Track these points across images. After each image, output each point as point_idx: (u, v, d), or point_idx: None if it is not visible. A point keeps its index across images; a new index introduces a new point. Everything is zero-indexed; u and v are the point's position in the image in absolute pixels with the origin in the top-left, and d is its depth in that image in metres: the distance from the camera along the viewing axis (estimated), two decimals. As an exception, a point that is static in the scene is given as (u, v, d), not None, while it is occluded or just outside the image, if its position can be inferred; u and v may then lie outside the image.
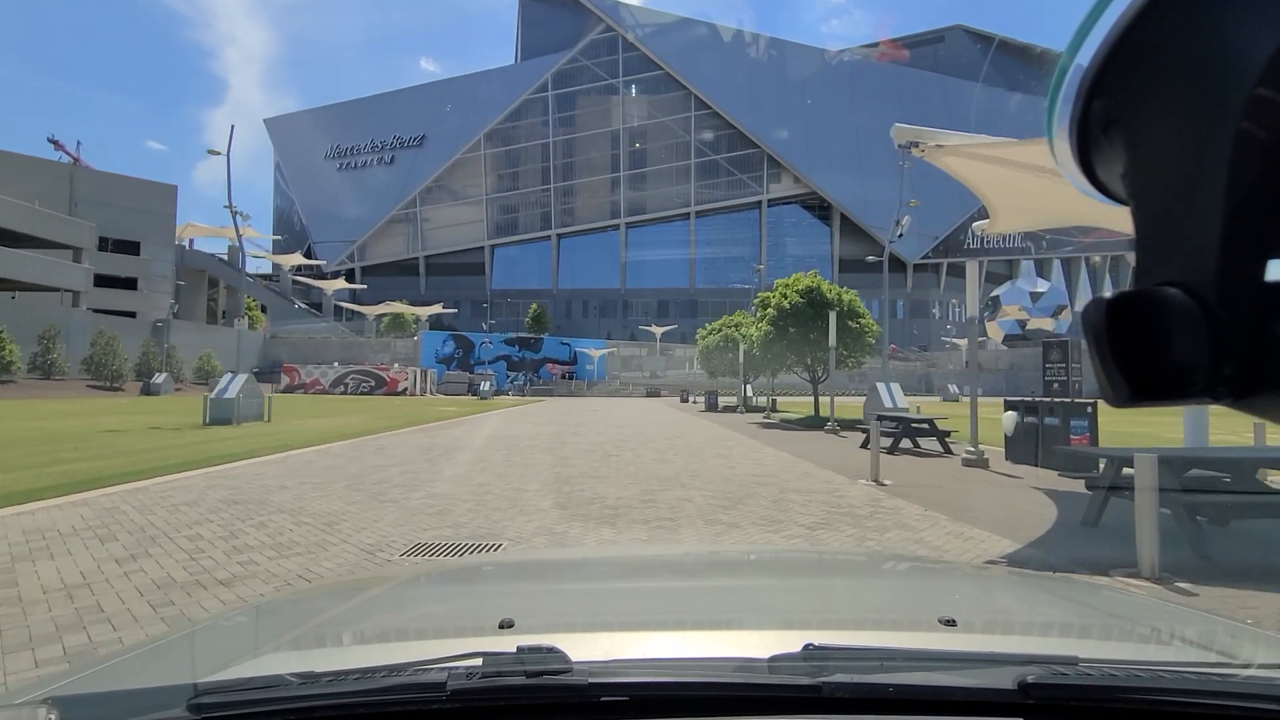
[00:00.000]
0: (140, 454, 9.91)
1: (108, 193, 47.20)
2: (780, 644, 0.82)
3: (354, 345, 54.03)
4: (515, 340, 57.09)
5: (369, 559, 4.52)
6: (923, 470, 9.36)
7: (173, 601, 3.53)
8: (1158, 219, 0.27)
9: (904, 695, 0.72)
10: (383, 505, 6.45)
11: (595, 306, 78.65)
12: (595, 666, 0.75)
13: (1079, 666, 0.77)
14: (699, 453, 11.77)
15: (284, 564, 4.32)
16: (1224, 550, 4.74)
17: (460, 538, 5.12)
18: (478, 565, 2.41)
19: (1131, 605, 1.50)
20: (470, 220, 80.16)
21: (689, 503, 6.70)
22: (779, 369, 19.21)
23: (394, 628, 1.22)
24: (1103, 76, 0.28)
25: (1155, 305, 0.25)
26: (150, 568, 4.16)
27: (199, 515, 5.76)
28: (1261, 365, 0.23)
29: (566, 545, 4.86)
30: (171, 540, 4.86)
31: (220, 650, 1.11)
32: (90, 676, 0.95)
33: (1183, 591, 3.84)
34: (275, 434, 13.79)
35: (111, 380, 34.55)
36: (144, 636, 2.98)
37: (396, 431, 15.55)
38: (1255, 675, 0.80)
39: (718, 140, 77.36)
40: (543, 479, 8.32)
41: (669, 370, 61.10)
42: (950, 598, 1.44)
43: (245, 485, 7.45)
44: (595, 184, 79.59)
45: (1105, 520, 5.50)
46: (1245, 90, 0.22)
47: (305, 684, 0.73)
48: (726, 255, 77.74)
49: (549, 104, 79.06)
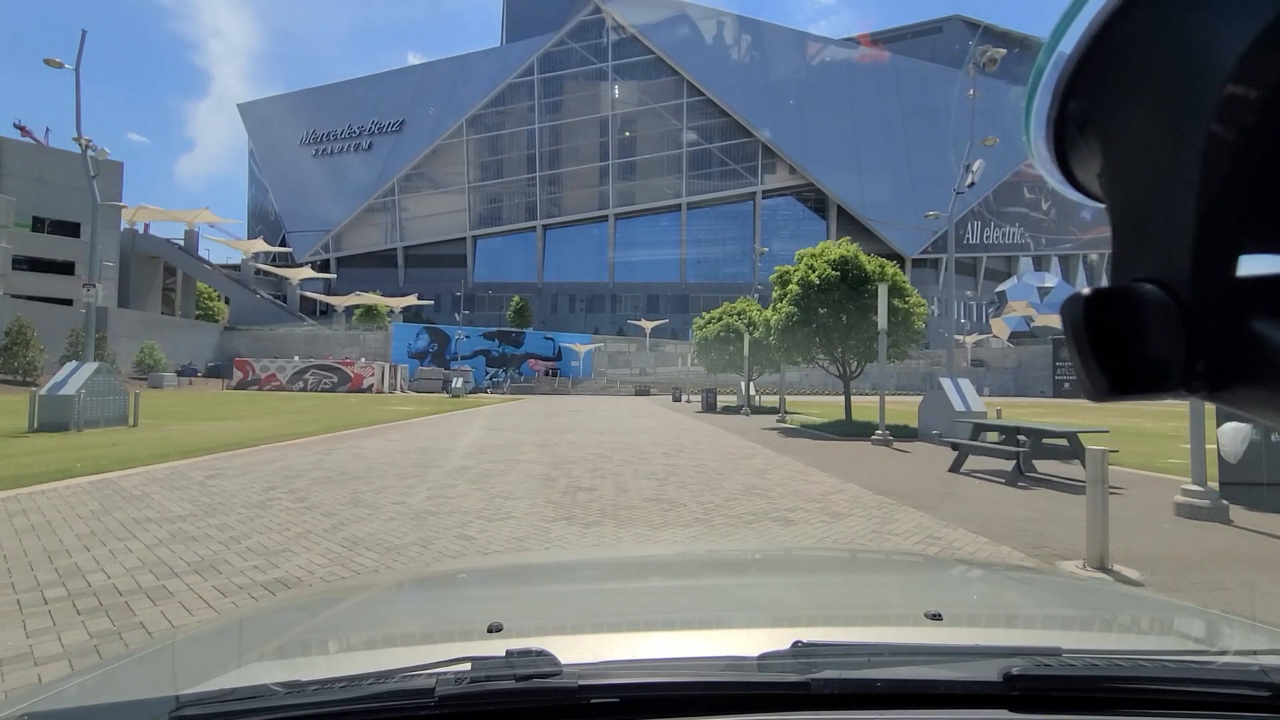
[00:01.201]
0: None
1: (43, 168, 42.20)
2: (769, 642, 0.82)
3: (320, 339, 49.42)
4: (495, 334, 52.69)
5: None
6: (1138, 533, 5.27)
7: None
8: (1133, 216, 0.27)
9: (892, 689, 0.72)
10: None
11: (582, 301, 74.43)
12: (585, 668, 0.74)
13: (1062, 657, 0.77)
14: (716, 482, 7.68)
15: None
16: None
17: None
18: (465, 570, 2.24)
19: (1113, 597, 1.52)
20: (451, 210, 75.70)
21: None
22: (802, 361, 15.18)
23: (380, 634, 1.19)
24: (1079, 76, 0.28)
25: (1132, 301, 0.25)
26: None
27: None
28: (1234, 359, 0.23)
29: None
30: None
31: (202, 660, 1.06)
32: (68, 690, 0.90)
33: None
34: (96, 448, 9.51)
35: (25, 374, 29.87)
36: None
37: (293, 442, 11.31)
38: (1231, 662, 0.82)
39: (710, 129, 73.41)
40: (433, 552, 4.22)
41: (659, 367, 57.04)
42: (936, 592, 1.44)
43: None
44: (583, 173, 75.36)
45: None
46: (1216, 90, 0.22)
47: (291, 693, 0.71)
48: (719, 249, 73.99)
49: (534, 88, 74.63)
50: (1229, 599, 3.59)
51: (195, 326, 47.77)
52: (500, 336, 52.68)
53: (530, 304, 66.22)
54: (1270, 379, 0.23)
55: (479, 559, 3.98)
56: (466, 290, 73.23)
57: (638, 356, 59.24)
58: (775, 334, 14.52)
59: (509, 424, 16.98)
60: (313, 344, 48.53)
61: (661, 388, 50.81)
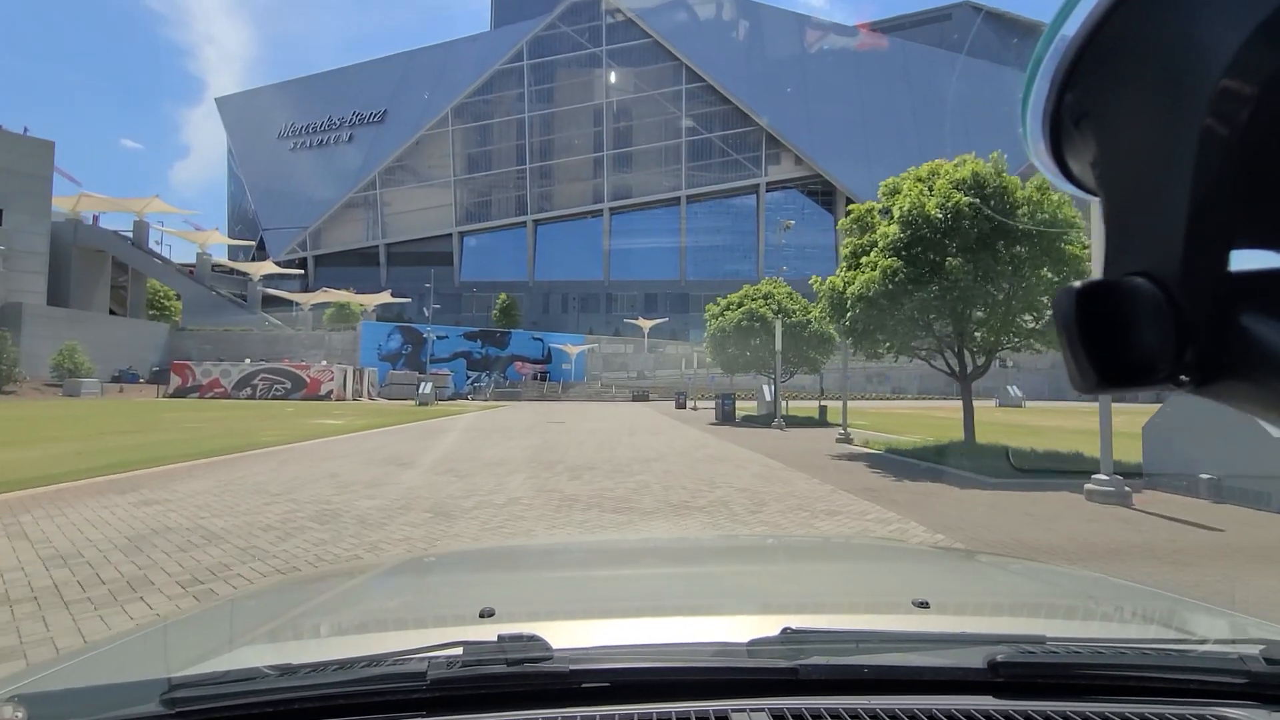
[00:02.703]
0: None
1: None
2: (759, 628, 0.82)
3: (282, 340, 43.76)
4: (477, 335, 47.09)
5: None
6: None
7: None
8: (1126, 210, 0.27)
9: (879, 676, 0.72)
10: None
11: (575, 300, 68.92)
12: (576, 653, 0.74)
13: (1046, 645, 0.77)
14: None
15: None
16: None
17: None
18: (458, 555, 2.30)
19: (1095, 585, 1.53)
20: (436, 205, 70.25)
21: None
22: (892, 348, 9.64)
23: (373, 618, 1.18)
24: (1075, 70, 0.27)
25: (1123, 294, 0.25)
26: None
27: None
28: (1222, 353, 0.23)
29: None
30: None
31: (194, 644, 1.05)
32: (60, 672, 0.88)
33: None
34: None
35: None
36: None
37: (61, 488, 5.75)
38: (1210, 650, 0.83)
39: (711, 117, 68.11)
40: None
41: (659, 369, 51.53)
42: (923, 580, 1.44)
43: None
44: (576, 165, 69.97)
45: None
46: (1210, 85, 0.22)
47: (283, 676, 0.69)
48: (720, 244, 68.68)
49: (524, 75, 69.20)
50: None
51: (138, 326, 41.99)
52: (483, 337, 47.10)
53: (520, 304, 60.74)
54: (1257, 373, 0.23)
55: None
56: (453, 289, 67.85)
57: (635, 358, 53.71)
58: (858, 307, 8.94)
59: (461, 445, 11.45)
60: (273, 346, 42.86)
61: (662, 392, 45.29)
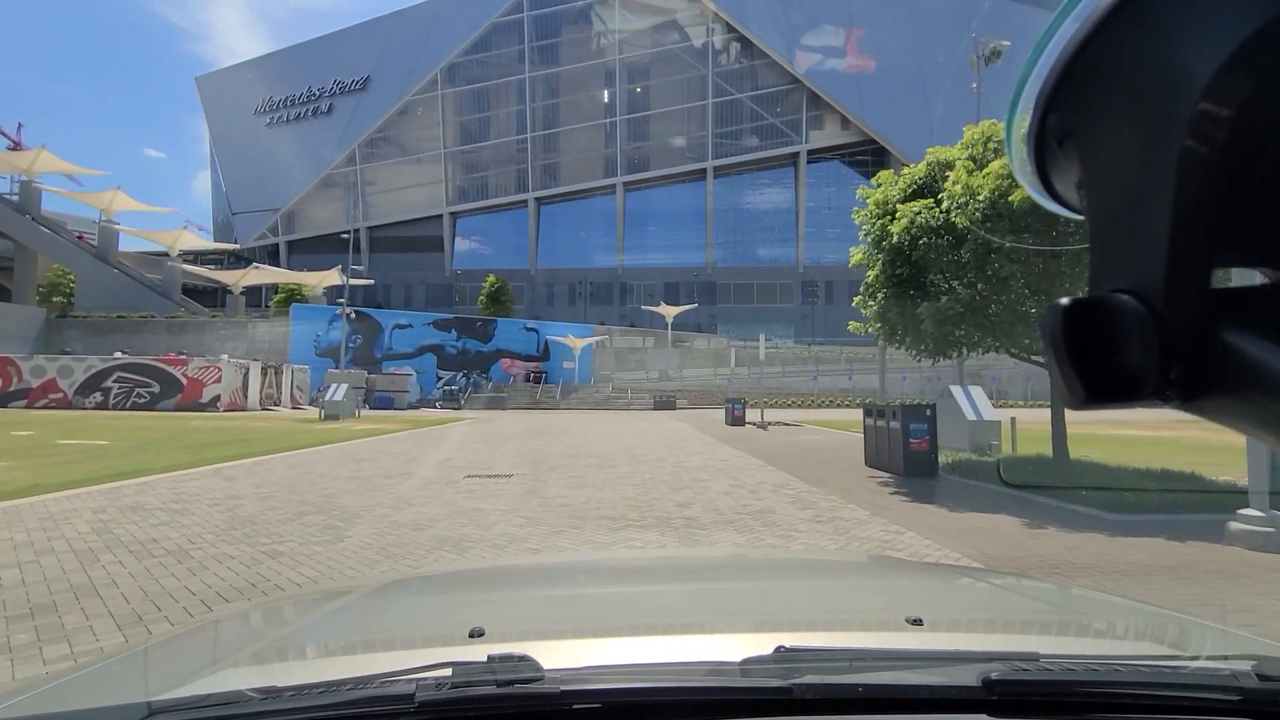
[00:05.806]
0: None
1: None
2: (752, 646, 0.80)
3: (191, 328, 32.56)
4: (451, 323, 35.43)
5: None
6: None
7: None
8: (1110, 229, 0.27)
9: (873, 695, 0.71)
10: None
11: (584, 291, 57.20)
12: (567, 674, 0.72)
13: (1040, 663, 0.76)
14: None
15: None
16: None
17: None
18: (447, 574, 2.24)
19: (1089, 602, 1.50)
20: (425, 182, 59.21)
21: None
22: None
23: (360, 639, 1.15)
24: (1058, 91, 0.27)
25: (1108, 311, 0.25)
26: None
27: None
28: (1206, 369, 0.23)
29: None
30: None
31: (176, 666, 1.01)
32: (38, 696, 0.85)
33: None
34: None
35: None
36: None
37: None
38: (1203, 666, 0.82)
39: (741, 75, 56.16)
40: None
41: (686, 369, 39.52)
42: (917, 597, 1.41)
43: None
44: (584, 133, 58.44)
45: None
46: (1189, 107, 0.22)
47: (266, 699, 0.67)
48: (753, 225, 56.68)
49: (524, 29, 57.78)
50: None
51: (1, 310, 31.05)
52: (459, 326, 35.34)
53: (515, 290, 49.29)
54: (1240, 389, 0.23)
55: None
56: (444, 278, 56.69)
57: (656, 355, 41.67)
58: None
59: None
60: (179, 337, 31.68)
61: (691, 398, 33.30)
